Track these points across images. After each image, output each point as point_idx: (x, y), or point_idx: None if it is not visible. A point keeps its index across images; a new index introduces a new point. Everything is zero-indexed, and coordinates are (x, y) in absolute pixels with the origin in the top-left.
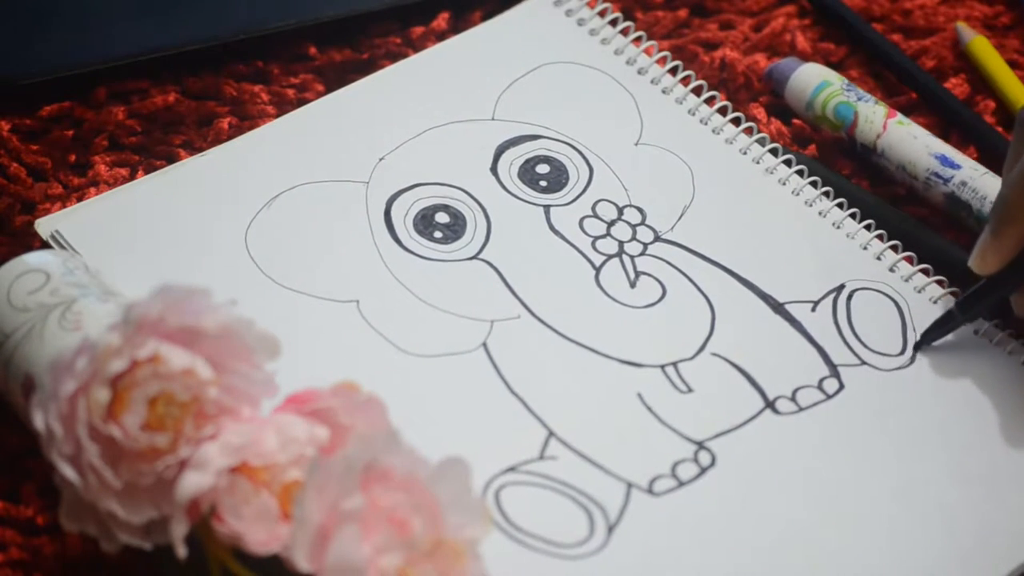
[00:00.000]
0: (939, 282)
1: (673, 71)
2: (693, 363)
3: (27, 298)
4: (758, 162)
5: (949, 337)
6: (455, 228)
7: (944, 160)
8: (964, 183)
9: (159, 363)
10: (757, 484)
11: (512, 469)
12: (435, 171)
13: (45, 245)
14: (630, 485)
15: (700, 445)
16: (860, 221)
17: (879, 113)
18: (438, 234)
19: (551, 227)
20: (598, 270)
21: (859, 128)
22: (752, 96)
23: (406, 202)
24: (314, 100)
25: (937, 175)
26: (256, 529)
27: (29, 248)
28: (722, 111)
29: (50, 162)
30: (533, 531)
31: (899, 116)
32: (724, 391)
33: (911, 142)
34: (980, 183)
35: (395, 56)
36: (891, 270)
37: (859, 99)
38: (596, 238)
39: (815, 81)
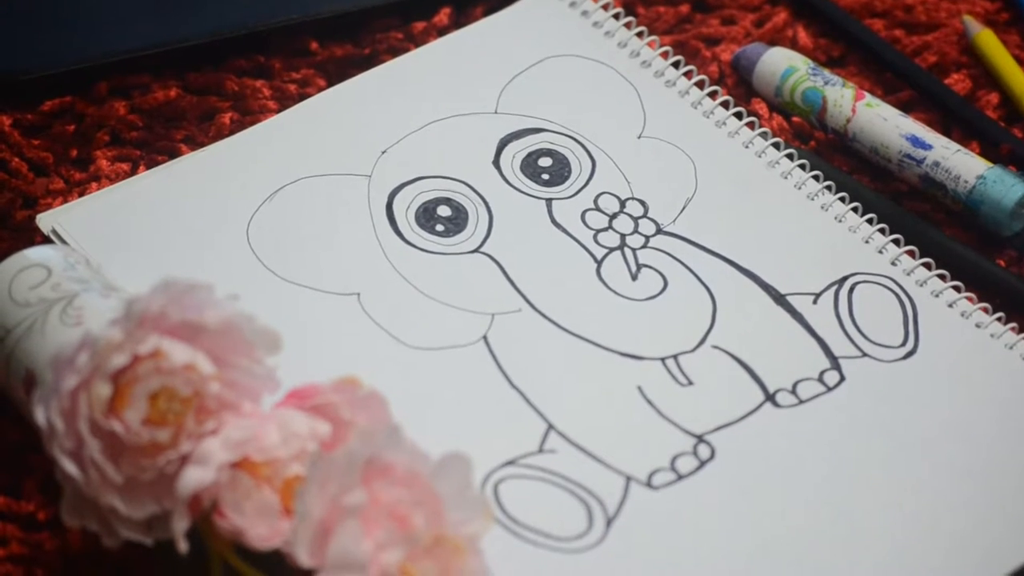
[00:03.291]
0: (941, 276)
1: (676, 65)
2: (694, 356)
3: (28, 293)
4: (761, 156)
5: (951, 331)
6: (457, 221)
7: (915, 141)
8: (937, 163)
9: (160, 358)
10: (756, 478)
11: (511, 462)
12: (437, 164)
13: (46, 240)
14: (629, 478)
15: (700, 438)
16: (862, 216)
17: (847, 96)
18: (440, 227)
19: (553, 220)
20: (599, 263)
21: (828, 113)
22: (753, 92)
23: (408, 195)
24: (315, 95)
25: (910, 157)
26: (257, 524)
27: (30, 243)
28: (725, 105)
29: (51, 157)
30: (531, 524)
31: (868, 98)
32: (724, 384)
33: (881, 124)
34: (953, 162)
35: (397, 51)
36: (893, 264)
37: (826, 83)
38: (598, 231)
39: (782, 67)
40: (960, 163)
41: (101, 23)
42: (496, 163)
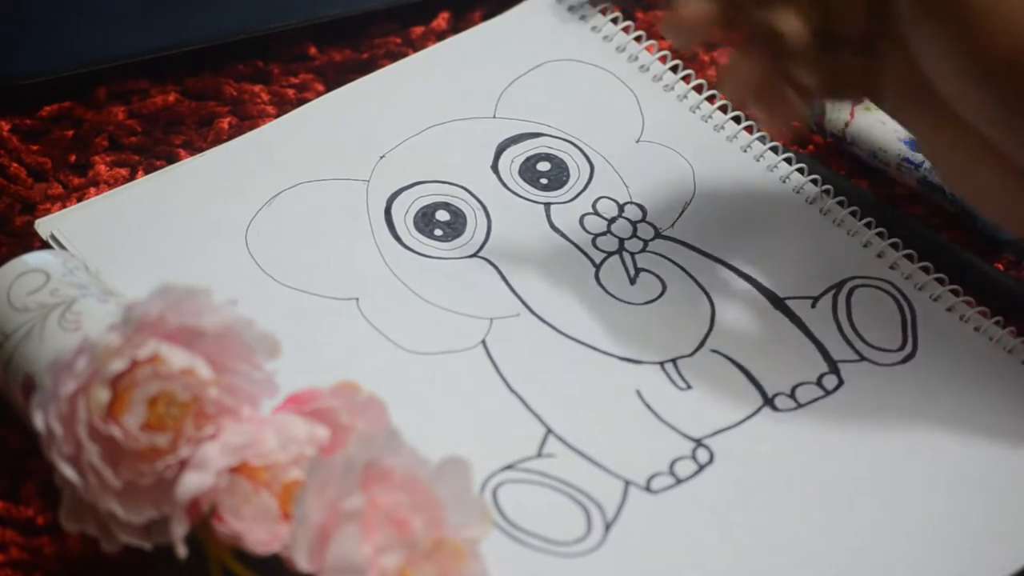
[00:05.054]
0: (939, 280)
1: (674, 69)
2: (692, 360)
3: (27, 298)
4: (759, 160)
5: (950, 335)
6: (455, 226)
7: (913, 145)
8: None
9: (159, 363)
10: (755, 482)
11: (510, 467)
12: (436, 169)
13: (45, 245)
14: (628, 483)
15: (698, 443)
16: (860, 220)
17: None
18: (438, 232)
19: (551, 225)
20: (598, 267)
21: (827, 117)
22: None
23: (407, 200)
24: (314, 100)
25: (908, 161)
26: (256, 529)
27: (29, 248)
28: (723, 109)
29: (50, 162)
30: (530, 529)
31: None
32: (723, 388)
33: (880, 128)
34: None
35: (395, 56)
36: (892, 268)
37: None
38: (596, 235)
39: None
40: None
41: (100, 28)
42: (495, 168)
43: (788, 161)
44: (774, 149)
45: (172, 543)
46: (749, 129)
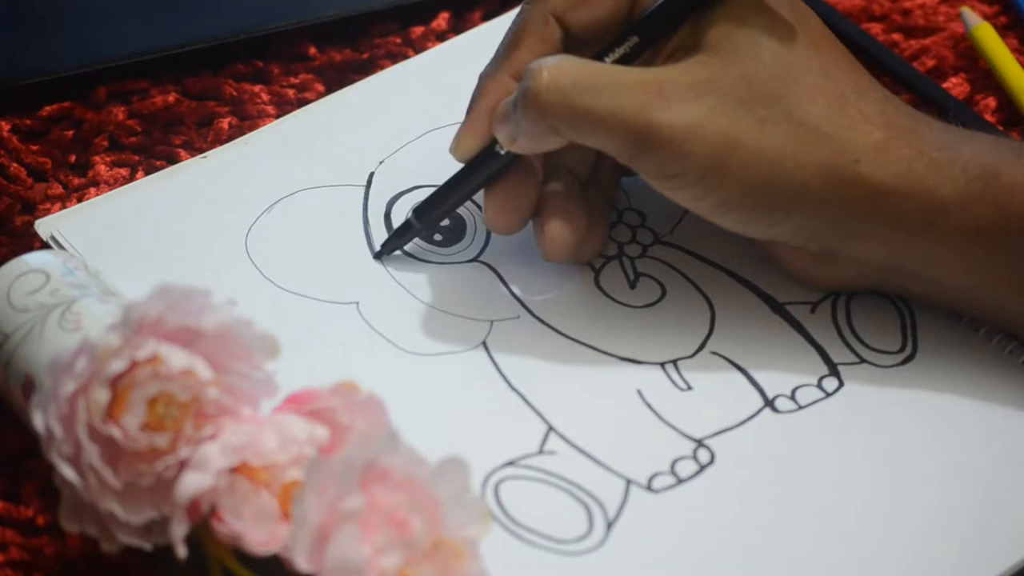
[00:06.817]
0: None
1: None
2: (693, 361)
3: (27, 298)
4: None
5: (949, 336)
6: (455, 231)
7: None
8: None
9: (158, 363)
10: (756, 482)
11: (511, 463)
12: (435, 174)
13: (45, 245)
14: (629, 482)
15: (699, 443)
16: None
17: None
18: (438, 236)
19: None
20: (598, 272)
21: None
22: None
23: (405, 205)
24: (314, 100)
25: None
26: (256, 529)
27: (29, 248)
28: None
29: (50, 162)
30: (532, 526)
31: None
32: (723, 389)
33: None
34: None
35: (395, 56)
36: None
37: None
38: None
39: None
40: None
41: (100, 28)
42: None
43: None
44: None
45: (172, 543)
46: None
